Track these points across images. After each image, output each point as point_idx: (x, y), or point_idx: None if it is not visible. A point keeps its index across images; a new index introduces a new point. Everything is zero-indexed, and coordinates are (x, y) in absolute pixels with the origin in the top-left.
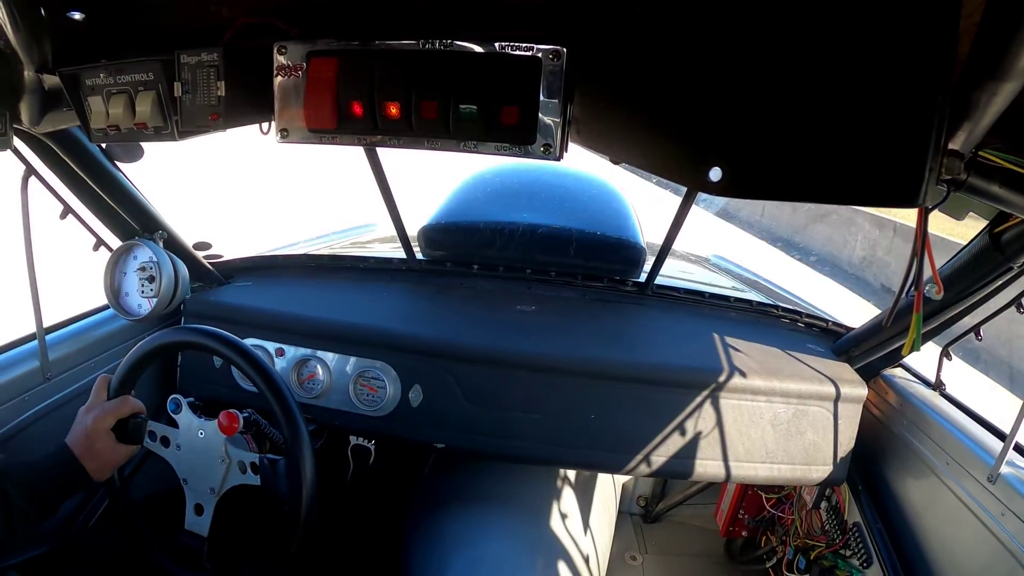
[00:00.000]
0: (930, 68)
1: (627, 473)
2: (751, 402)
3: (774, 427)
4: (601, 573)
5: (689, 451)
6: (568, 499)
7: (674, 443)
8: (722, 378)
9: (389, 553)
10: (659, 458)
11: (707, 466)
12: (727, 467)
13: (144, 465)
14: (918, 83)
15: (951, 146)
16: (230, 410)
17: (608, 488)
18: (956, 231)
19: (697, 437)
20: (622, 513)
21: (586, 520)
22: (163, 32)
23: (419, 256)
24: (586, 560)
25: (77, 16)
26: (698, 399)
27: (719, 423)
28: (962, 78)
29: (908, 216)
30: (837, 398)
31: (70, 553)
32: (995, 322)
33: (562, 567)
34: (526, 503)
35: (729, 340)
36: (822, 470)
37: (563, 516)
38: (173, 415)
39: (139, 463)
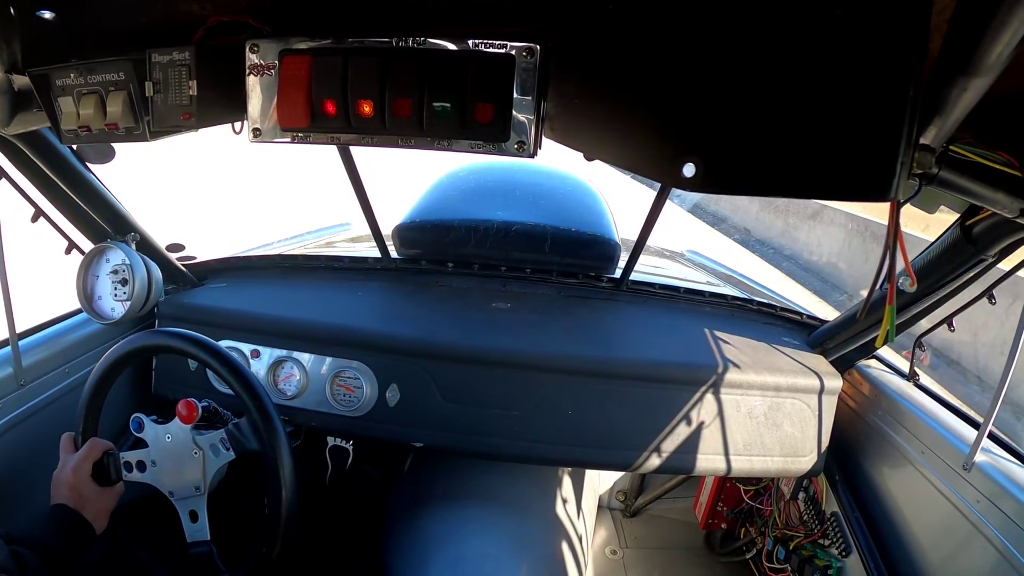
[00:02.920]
0: (902, 64)
1: (605, 468)
2: (728, 396)
3: (751, 420)
4: (583, 568)
5: (667, 446)
6: (548, 495)
7: (652, 438)
8: (698, 372)
9: (370, 553)
10: (637, 453)
11: (685, 460)
12: (705, 461)
13: None
14: (890, 79)
15: (923, 141)
16: (187, 399)
17: (587, 483)
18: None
19: (674, 431)
20: (602, 508)
21: (566, 515)
22: (134, 31)
23: (394, 255)
24: (567, 555)
25: (47, 15)
26: (674, 394)
27: (696, 417)
28: (933, 74)
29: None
30: (813, 390)
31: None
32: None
33: (543, 563)
34: (506, 500)
35: (705, 335)
36: (799, 461)
37: (543, 512)
38: (138, 434)
39: None
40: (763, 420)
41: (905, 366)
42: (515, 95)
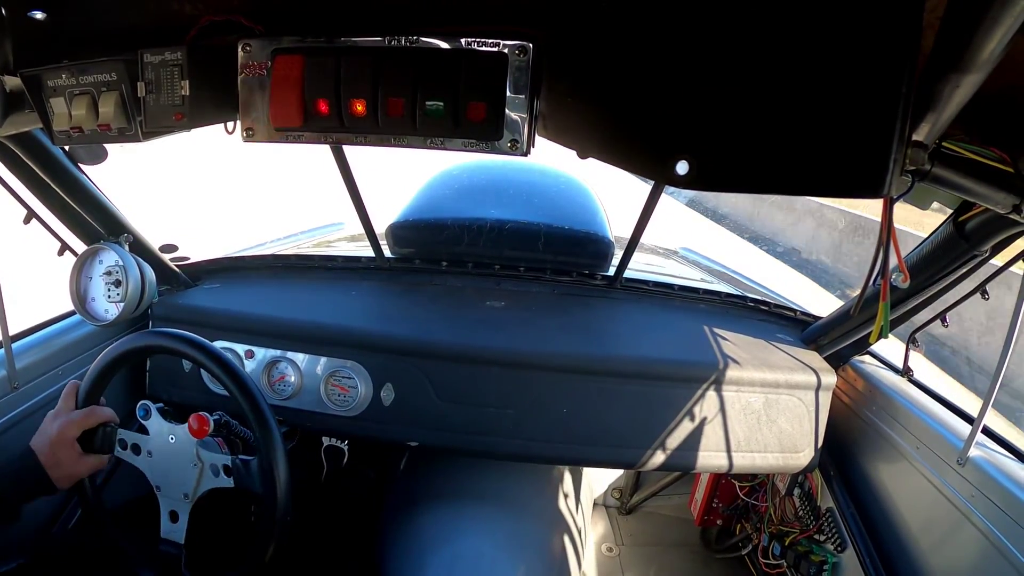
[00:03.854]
0: (894, 61)
1: (601, 466)
2: (723, 392)
3: (747, 416)
4: (579, 566)
5: (662, 443)
6: (544, 493)
7: (647, 435)
8: (693, 369)
9: (365, 553)
10: (632, 451)
11: (681, 457)
12: (701, 458)
13: (117, 471)
14: (883, 75)
15: (915, 137)
16: (200, 413)
17: (583, 481)
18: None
19: (670, 429)
20: (597, 506)
21: (562, 513)
22: (126, 31)
23: (387, 254)
24: (564, 553)
25: (39, 16)
26: (670, 391)
27: (692, 414)
28: (926, 70)
29: None
30: (808, 386)
31: (43, 562)
32: None
33: (540, 561)
34: (502, 498)
35: (699, 332)
36: (796, 457)
37: (539, 510)
38: (143, 421)
39: (112, 470)
40: (759, 416)
41: (899, 361)
42: (508, 93)
